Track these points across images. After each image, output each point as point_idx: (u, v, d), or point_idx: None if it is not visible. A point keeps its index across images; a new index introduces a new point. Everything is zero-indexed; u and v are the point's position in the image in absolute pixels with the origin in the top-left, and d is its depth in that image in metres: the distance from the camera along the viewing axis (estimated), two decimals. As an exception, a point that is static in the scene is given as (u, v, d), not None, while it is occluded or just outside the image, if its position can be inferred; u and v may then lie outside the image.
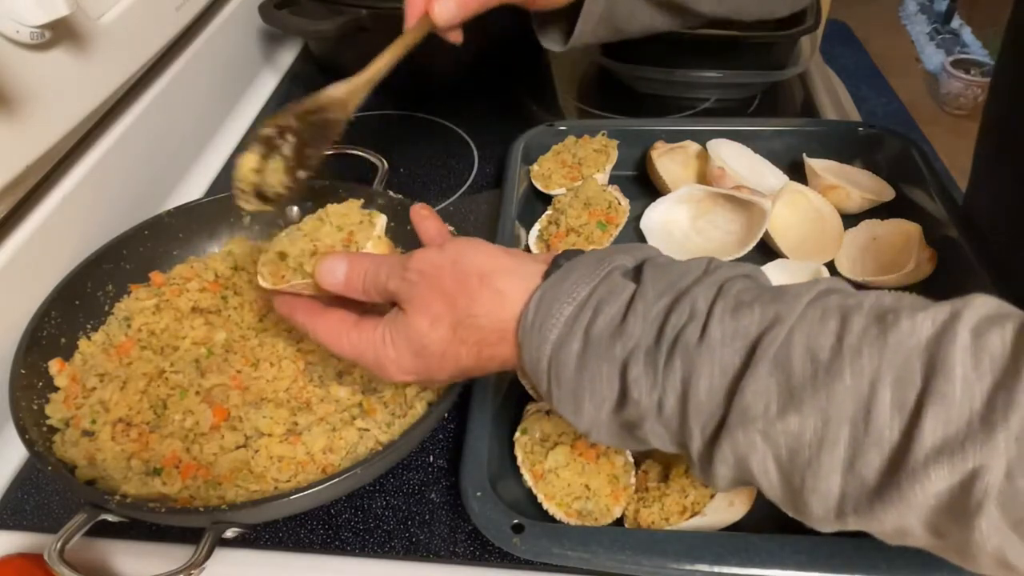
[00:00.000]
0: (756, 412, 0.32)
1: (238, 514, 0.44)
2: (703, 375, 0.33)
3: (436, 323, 0.41)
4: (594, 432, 0.38)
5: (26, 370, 0.52)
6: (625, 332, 0.35)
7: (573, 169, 0.74)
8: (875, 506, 0.30)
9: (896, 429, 0.29)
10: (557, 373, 0.37)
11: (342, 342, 0.44)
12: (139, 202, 0.73)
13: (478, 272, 0.40)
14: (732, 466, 0.33)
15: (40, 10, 0.52)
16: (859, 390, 0.30)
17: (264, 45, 1.02)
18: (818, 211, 0.69)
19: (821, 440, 0.31)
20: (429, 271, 0.41)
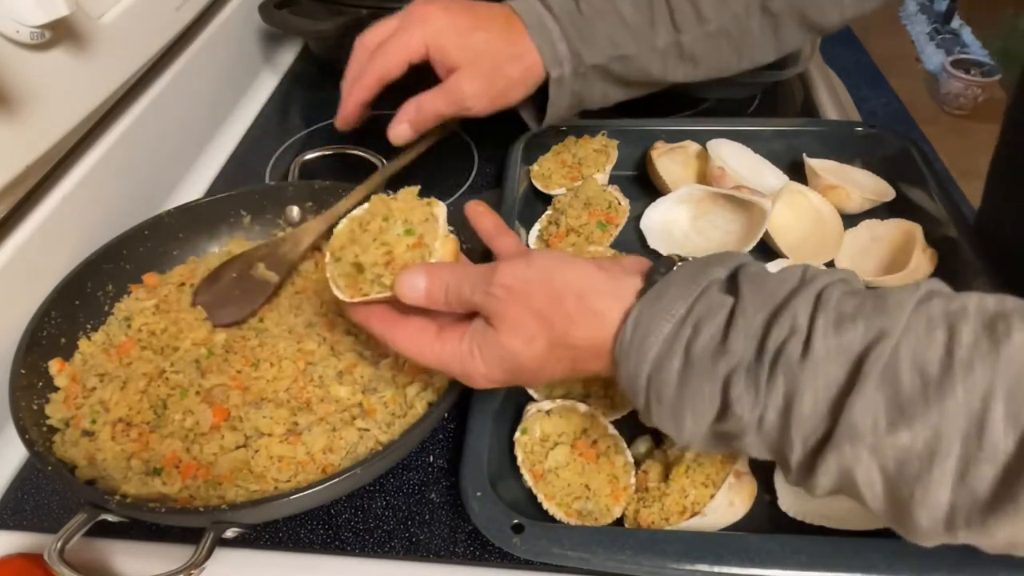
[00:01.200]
0: (864, 428, 0.32)
1: (238, 514, 0.44)
2: (807, 391, 0.33)
3: (531, 343, 0.41)
4: (692, 444, 0.38)
5: (26, 370, 0.52)
6: (727, 350, 0.35)
7: (573, 169, 0.74)
8: (988, 519, 0.30)
9: (1011, 441, 0.29)
10: (658, 391, 0.37)
11: (425, 353, 0.45)
12: (139, 202, 0.73)
13: (574, 292, 0.40)
14: (835, 478, 0.33)
15: (40, 10, 0.52)
16: (971, 405, 0.30)
17: (264, 45, 1.02)
18: (818, 211, 0.69)
19: (932, 454, 0.31)
20: (518, 288, 0.41)
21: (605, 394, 0.55)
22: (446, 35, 0.58)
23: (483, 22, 0.60)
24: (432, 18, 0.59)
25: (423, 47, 0.59)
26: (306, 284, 0.64)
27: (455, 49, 0.59)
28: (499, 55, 0.59)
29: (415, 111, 0.61)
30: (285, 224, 0.69)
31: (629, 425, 0.55)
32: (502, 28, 0.59)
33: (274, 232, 0.69)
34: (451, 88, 0.60)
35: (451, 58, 0.59)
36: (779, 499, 0.48)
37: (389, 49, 0.59)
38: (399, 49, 0.59)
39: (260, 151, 0.88)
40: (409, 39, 0.59)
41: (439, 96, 0.60)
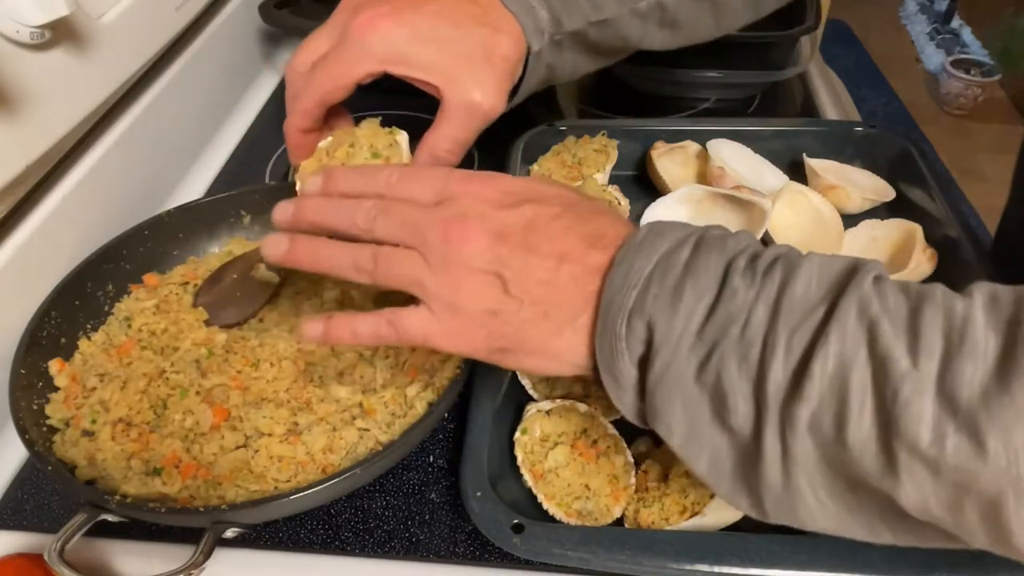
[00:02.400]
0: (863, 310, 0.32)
1: (238, 514, 0.44)
2: (801, 278, 0.33)
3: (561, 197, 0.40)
4: (682, 344, 0.34)
5: (26, 370, 0.52)
6: (736, 237, 0.36)
7: (573, 169, 0.74)
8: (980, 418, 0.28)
9: (992, 344, 0.29)
10: (662, 274, 0.35)
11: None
12: (139, 202, 0.73)
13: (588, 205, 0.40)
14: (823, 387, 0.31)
15: (40, 10, 0.52)
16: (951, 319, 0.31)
17: (264, 45, 1.02)
18: (818, 211, 0.69)
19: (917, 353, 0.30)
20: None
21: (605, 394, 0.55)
22: (405, 49, 0.48)
23: (440, 6, 0.49)
24: (380, 34, 0.48)
25: (376, 71, 0.49)
26: (306, 284, 0.64)
27: (427, 57, 0.48)
28: (481, 36, 0.49)
29: (429, 155, 0.51)
30: (285, 224, 0.69)
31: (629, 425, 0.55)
32: (464, 6, 0.49)
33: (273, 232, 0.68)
34: (458, 109, 0.49)
35: (427, 68, 0.48)
36: (779, 499, 0.48)
37: (327, 74, 0.49)
38: (340, 77, 0.49)
39: (260, 151, 0.88)
40: (353, 68, 0.49)
41: (450, 127, 0.50)
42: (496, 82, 0.49)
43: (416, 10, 0.48)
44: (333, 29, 0.51)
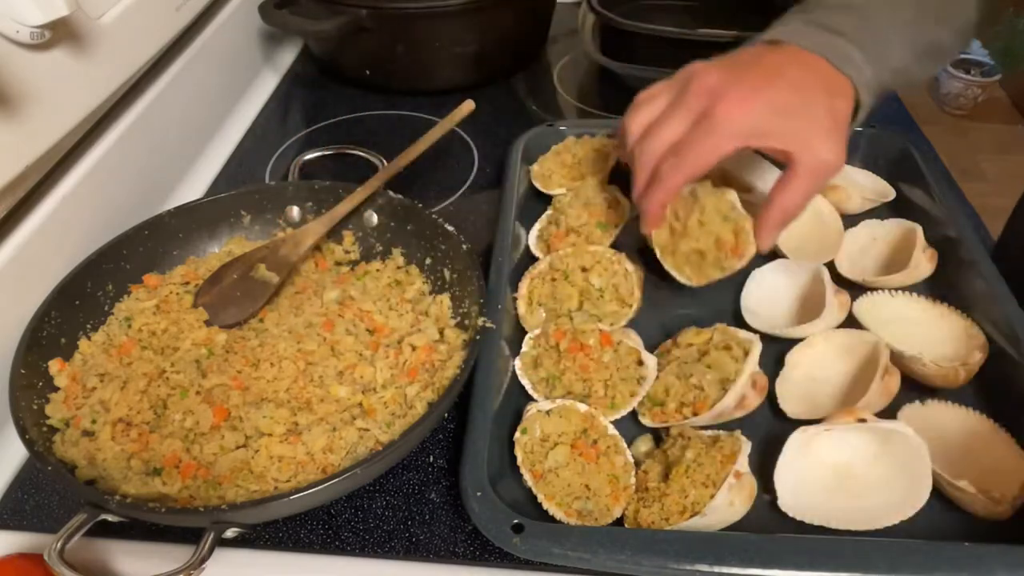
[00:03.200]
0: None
1: (238, 514, 0.44)
2: None
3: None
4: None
5: (26, 370, 0.52)
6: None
7: (573, 169, 0.74)
8: None
9: None
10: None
11: None
12: (139, 202, 0.73)
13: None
14: None
15: (40, 10, 0.52)
16: None
17: (264, 45, 1.02)
18: (818, 211, 0.69)
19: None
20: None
21: (605, 394, 0.55)
22: (765, 124, 0.52)
23: (789, 80, 0.53)
24: (743, 115, 0.52)
25: (739, 144, 0.53)
26: (306, 284, 0.64)
27: (784, 128, 0.53)
28: (823, 103, 0.53)
29: (783, 214, 0.55)
30: (285, 224, 0.69)
31: (629, 425, 0.55)
32: (808, 74, 0.54)
33: (274, 232, 0.69)
34: (811, 168, 0.53)
35: (783, 138, 0.53)
36: (779, 499, 0.48)
37: (697, 155, 0.53)
38: (709, 155, 0.53)
39: (260, 151, 0.88)
40: (721, 147, 0.53)
41: (802, 184, 0.53)
42: (841, 142, 0.54)
43: (771, 87, 0.53)
44: (689, 112, 0.54)
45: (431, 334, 0.58)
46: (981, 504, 0.47)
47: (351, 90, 0.98)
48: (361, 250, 0.68)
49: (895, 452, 0.49)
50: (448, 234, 0.62)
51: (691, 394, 0.53)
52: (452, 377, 0.53)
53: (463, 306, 0.60)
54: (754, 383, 0.54)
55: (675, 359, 0.56)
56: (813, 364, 0.58)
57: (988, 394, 0.55)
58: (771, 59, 0.55)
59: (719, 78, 0.54)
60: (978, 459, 0.51)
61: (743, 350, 0.54)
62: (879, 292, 0.61)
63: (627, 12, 0.95)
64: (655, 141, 0.55)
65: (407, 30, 0.89)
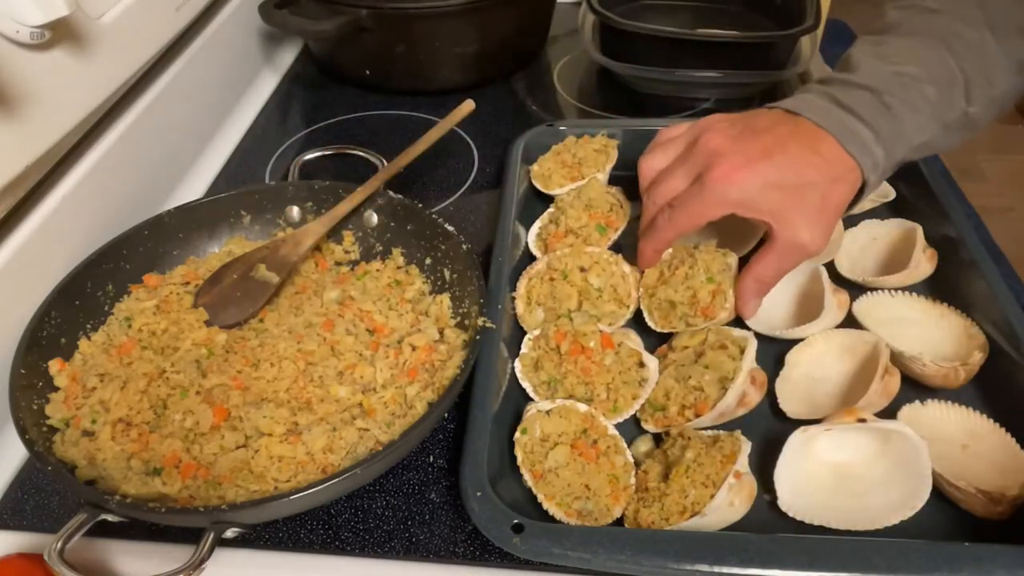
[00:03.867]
0: None
1: (238, 514, 0.44)
2: None
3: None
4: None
5: (26, 370, 0.52)
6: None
7: (573, 169, 0.74)
8: None
9: None
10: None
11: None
12: (139, 202, 0.73)
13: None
14: None
15: (40, 10, 0.52)
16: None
17: (264, 45, 1.02)
18: (818, 211, 0.69)
19: None
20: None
21: (608, 397, 0.55)
22: (753, 197, 0.54)
23: (791, 157, 0.54)
24: (735, 184, 0.53)
25: (727, 211, 0.55)
26: (306, 284, 0.64)
27: (771, 203, 0.54)
28: (822, 187, 0.54)
29: (756, 284, 0.57)
30: (285, 224, 0.69)
31: (629, 425, 0.55)
32: (812, 154, 0.54)
33: (274, 232, 0.69)
34: (786, 247, 0.55)
35: (767, 212, 0.54)
36: (779, 499, 0.48)
37: (687, 215, 0.56)
38: (697, 217, 0.56)
39: (260, 151, 0.88)
40: (709, 211, 0.55)
41: (775, 258, 0.55)
42: (824, 228, 0.55)
43: (767, 160, 0.54)
44: (691, 169, 0.57)
45: (431, 334, 0.58)
46: (981, 504, 0.47)
47: (351, 90, 0.98)
48: (361, 250, 0.68)
49: (895, 452, 0.49)
50: (448, 234, 0.62)
51: (691, 396, 0.53)
52: (452, 377, 0.53)
53: (463, 306, 0.60)
54: (753, 379, 0.54)
55: (672, 363, 0.56)
56: (813, 364, 0.58)
57: (988, 394, 0.55)
58: (779, 131, 0.55)
59: (723, 142, 0.55)
60: (978, 459, 0.51)
61: (739, 348, 0.54)
62: (879, 292, 0.61)
63: (627, 12, 0.95)
64: (657, 193, 0.59)
65: (407, 30, 0.89)
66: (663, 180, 0.59)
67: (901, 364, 0.56)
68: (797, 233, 0.54)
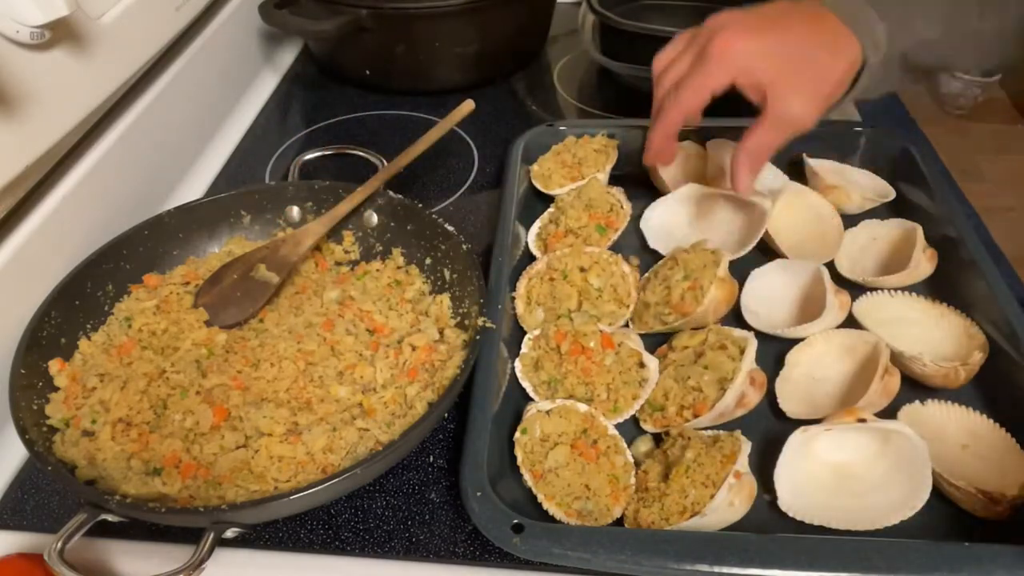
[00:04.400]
0: None
1: (238, 514, 0.44)
2: None
3: None
4: None
5: (26, 370, 0.52)
6: None
7: (573, 169, 0.74)
8: None
9: None
10: None
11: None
12: (139, 202, 0.73)
13: None
14: None
15: (40, 10, 0.52)
16: None
17: (264, 45, 1.02)
18: (818, 211, 0.69)
19: None
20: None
21: (608, 398, 0.55)
22: (753, 63, 0.55)
23: (791, 30, 0.55)
24: (734, 50, 0.55)
25: (728, 82, 0.56)
26: (306, 284, 0.64)
27: (767, 70, 0.55)
28: (820, 59, 0.55)
29: (748, 157, 0.58)
30: (285, 224, 0.69)
31: (629, 425, 0.55)
32: (812, 28, 0.55)
33: (274, 232, 0.69)
34: (778, 117, 0.56)
35: (764, 80, 0.55)
36: (779, 499, 0.48)
37: (691, 89, 0.57)
38: (700, 89, 0.56)
39: (260, 151, 0.88)
40: (711, 80, 0.56)
41: (767, 131, 0.57)
42: (818, 103, 0.55)
43: (769, 29, 0.55)
44: (694, 49, 0.58)
45: (431, 334, 0.58)
46: (981, 504, 0.47)
47: (351, 90, 0.98)
48: (361, 250, 0.68)
49: (895, 452, 0.49)
50: (448, 234, 0.62)
51: (690, 396, 0.53)
52: (452, 377, 0.53)
53: (463, 306, 0.60)
54: (752, 380, 0.54)
55: (672, 363, 0.56)
56: (813, 364, 0.58)
57: (988, 394, 0.55)
58: (783, 8, 0.57)
59: (727, 18, 0.56)
60: (978, 459, 0.51)
61: (739, 348, 0.54)
62: (879, 292, 0.61)
63: (627, 12, 0.95)
64: (666, 78, 0.60)
65: (407, 30, 0.89)
66: (670, 69, 0.60)
67: (901, 364, 0.56)
68: (790, 105, 0.55)
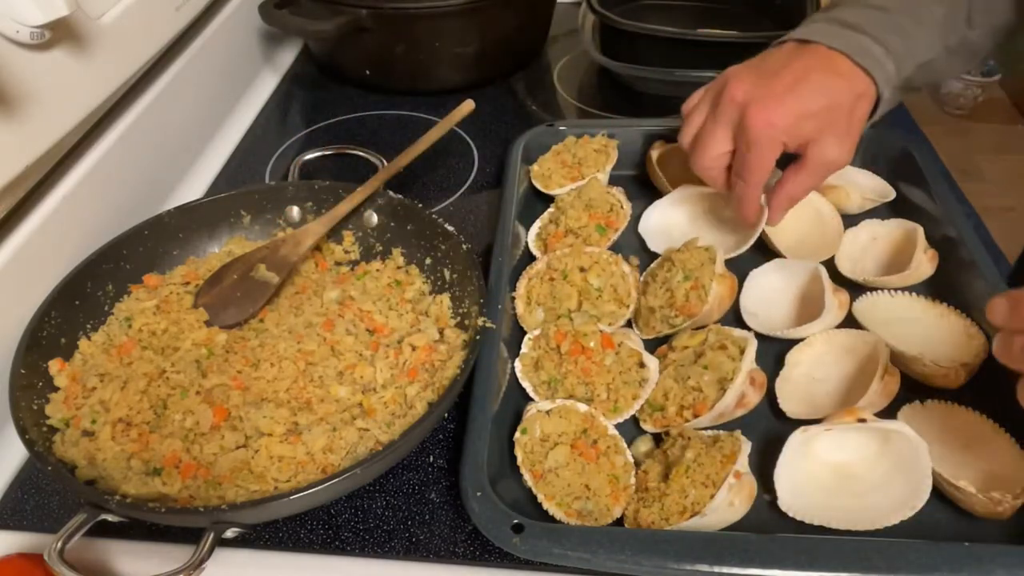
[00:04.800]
0: None
1: (238, 514, 0.44)
2: None
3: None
4: None
5: (26, 370, 0.52)
6: None
7: (573, 169, 0.74)
8: None
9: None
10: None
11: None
12: (139, 202, 0.73)
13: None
14: None
15: (40, 10, 0.52)
16: None
17: (264, 45, 1.02)
18: (817, 211, 0.69)
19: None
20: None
21: (608, 398, 0.55)
22: (792, 128, 0.57)
23: (811, 81, 0.57)
24: (775, 126, 0.57)
25: (780, 154, 0.59)
26: (306, 284, 0.64)
27: (809, 131, 0.57)
28: (845, 106, 0.58)
29: (788, 200, 0.62)
30: (285, 224, 0.69)
31: (629, 425, 0.55)
32: (829, 75, 0.58)
33: (274, 232, 0.69)
34: (819, 164, 0.59)
35: (806, 139, 0.58)
36: (779, 499, 0.48)
37: (756, 173, 0.59)
38: (763, 169, 0.59)
39: (260, 151, 0.88)
40: (768, 158, 0.58)
41: (806, 177, 0.60)
42: (850, 144, 0.59)
43: (795, 94, 0.57)
44: (725, 125, 0.60)
45: (431, 334, 0.58)
46: (981, 504, 0.47)
47: (351, 90, 0.98)
48: (361, 250, 0.68)
49: (895, 452, 0.49)
50: (448, 234, 0.62)
51: (690, 396, 0.53)
52: (452, 377, 0.53)
53: (463, 306, 0.60)
54: (752, 380, 0.54)
55: (672, 363, 0.56)
56: (813, 364, 0.58)
57: (988, 394, 0.55)
58: (797, 65, 0.58)
59: (748, 88, 0.58)
60: (978, 459, 0.51)
61: (739, 348, 0.54)
62: (879, 292, 0.61)
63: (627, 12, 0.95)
64: (705, 158, 0.61)
65: (407, 30, 0.89)
66: (703, 146, 0.61)
67: (901, 364, 0.56)
68: (827, 152, 0.58)
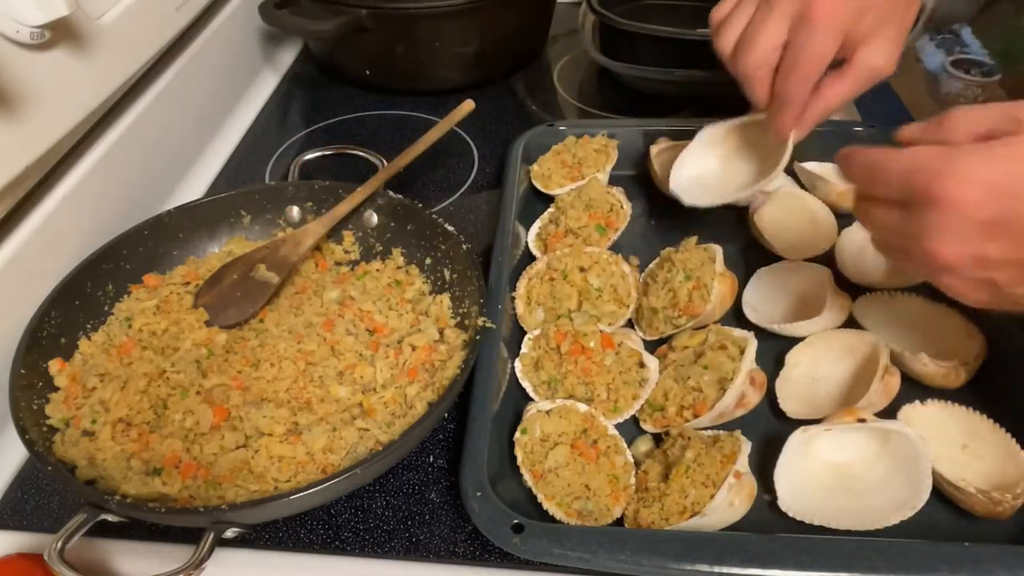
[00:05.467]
0: None
1: (238, 514, 0.44)
2: None
3: None
4: None
5: (26, 370, 0.52)
6: None
7: (573, 169, 0.74)
8: None
9: None
10: None
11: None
12: (139, 202, 0.73)
13: None
14: None
15: (40, 10, 0.52)
16: None
17: (264, 45, 1.02)
18: (812, 212, 0.69)
19: None
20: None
21: (608, 398, 0.55)
22: (852, 24, 0.54)
23: None
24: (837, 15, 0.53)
25: (837, 48, 0.55)
26: (306, 284, 0.64)
27: (866, 28, 0.54)
28: (901, 4, 0.55)
29: (824, 109, 0.57)
30: (285, 224, 0.69)
31: (629, 425, 0.55)
32: None
33: (274, 232, 0.69)
34: (861, 68, 0.55)
35: (861, 38, 0.55)
36: (779, 499, 0.48)
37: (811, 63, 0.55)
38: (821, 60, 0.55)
39: (260, 151, 0.88)
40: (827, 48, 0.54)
41: (848, 84, 0.56)
42: (898, 48, 0.55)
43: None
44: (782, 15, 0.55)
45: (431, 334, 0.58)
46: (981, 504, 0.47)
47: (351, 90, 0.98)
48: (361, 250, 0.68)
49: (895, 452, 0.49)
50: (448, 234, 0.62)
51: (690, 396, 0.53)
52: (452, 377, 0.53)
53: (463, 306, 0.60)
54: (752, 380, 0.54)
55: (672, 363, 0.56)
56: (813, 364, 0.58)
57: (988, 394, 0.55)
58: None
59: None
60: (978, 459, 0.51)
61: (739, 348, 0.54)
62: (879, 292, 0.61)
63: (627, 12, 0.95)
64: (758, 51, 0.56)
65: (407, 30, 0.89)
66: (754, 38, 0.56)
67: (901, 364, 0.56)
68: (874, 56, 0.55)
